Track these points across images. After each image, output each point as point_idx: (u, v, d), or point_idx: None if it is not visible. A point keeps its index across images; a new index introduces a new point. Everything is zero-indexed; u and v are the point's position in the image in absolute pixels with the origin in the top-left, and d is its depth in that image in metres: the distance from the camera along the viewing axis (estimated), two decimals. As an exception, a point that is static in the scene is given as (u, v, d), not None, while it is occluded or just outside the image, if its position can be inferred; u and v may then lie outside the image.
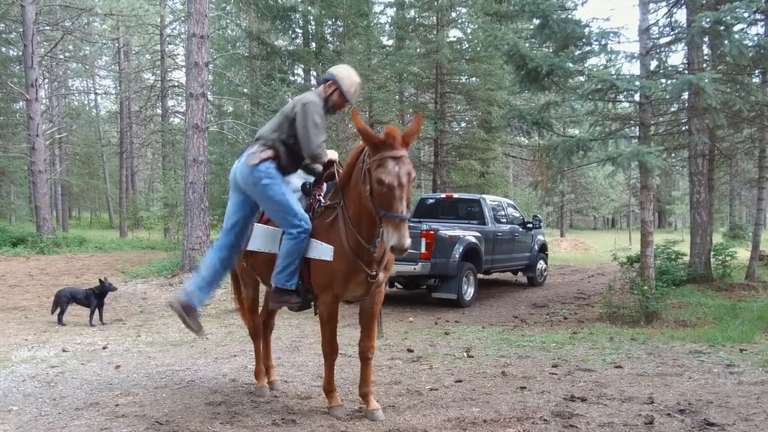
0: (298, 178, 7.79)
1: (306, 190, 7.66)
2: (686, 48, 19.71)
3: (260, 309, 8.89)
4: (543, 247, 23.77)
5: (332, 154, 7.76)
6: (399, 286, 18.87)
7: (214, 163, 29.04)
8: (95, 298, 14.75)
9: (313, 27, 33.24)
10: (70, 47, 55.09)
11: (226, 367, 10.08)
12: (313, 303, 7.83)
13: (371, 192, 6.50)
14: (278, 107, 25.94)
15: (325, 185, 7.71)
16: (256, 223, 7.74)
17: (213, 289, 7.80)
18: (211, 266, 7.65)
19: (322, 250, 7.12)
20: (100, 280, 15.21)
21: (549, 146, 17.48)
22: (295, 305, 7.48)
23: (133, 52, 58.86)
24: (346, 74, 7.64)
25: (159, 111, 53.50)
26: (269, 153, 7.28)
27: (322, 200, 7.47)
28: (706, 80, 13.57)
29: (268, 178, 7.16)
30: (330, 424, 7.20)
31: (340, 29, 32.15)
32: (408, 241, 6.33)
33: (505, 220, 21.32)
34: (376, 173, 6.38)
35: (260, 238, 7.62)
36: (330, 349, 7.50)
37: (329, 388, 7.65)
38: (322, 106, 7.56)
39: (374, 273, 7.18)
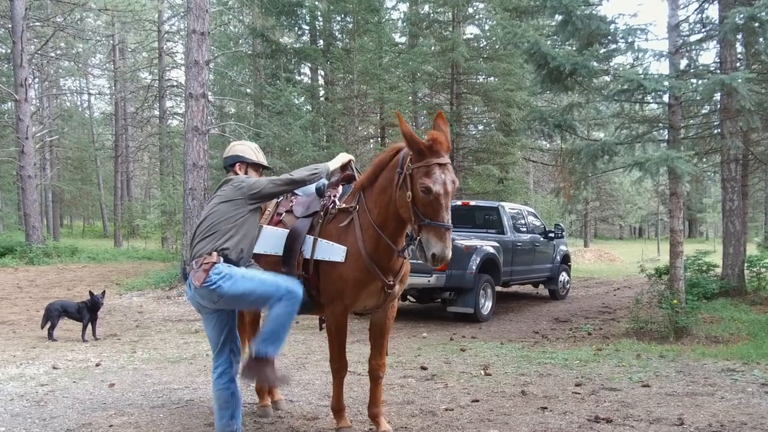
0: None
1: (320, 192, 7.68)
2: (718, 46, 19.69)
3: (262, 321, 8.88)
4: (566, 258, 23.74)
5: (343, 157, 7.74)
6: (412, 299, 18.85)
7: (215, 168, 29.03)
8: (88, 311, 14.73)
9: (321, 23, 33.30)
10: (62, 44, 55.33)
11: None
12: (320, 318, 7.84)
13: (414, 199, 6.46)
14: (283, 108, 25.96)
15: (341, 188, 7.69)
16: (265, 225, 7.75)
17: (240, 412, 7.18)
18: (223, 398, 7.05)
19: (332, 251, 7.10)
20: (90, 293, 15.22)
21: (572, 150, 17.48)
22: (274, 382, 7.12)
23: (129, 50, 59.05)
24: (245, 148, 7.37)
25: (156, 112, 53.67)
26: (212, 259, 6.71)
27: (337, 202, 7.46)
28: (740, 80, 13.56)
29: (225, 278, 6.62)
30: (338, 446, 7.21)
31: (350, 26, 32.06)
32: (450, 252, 6.35)
33: (525, 229, 21.30)
34: (422, 181, 6.34)
35: (268, 240, 7.62)
36: (339, 366, 7.45)
37: (338, 408, 7.62)
38: None
39: (391, 283, 7.16)
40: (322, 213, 7.43)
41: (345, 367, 7.51)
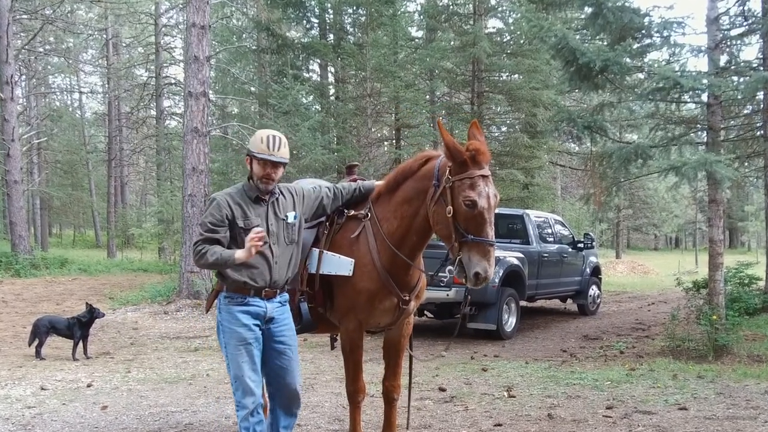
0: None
1: None
2: (761, 41, 19.62)
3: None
4: (596, 271, 23.70)
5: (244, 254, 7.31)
6: (429, 315, 18.82)
7: (217, 173, 29.09)
8: (79, 327, 14.73)
9: (331, 16, 33.24)
10: (51, 39, 55.37)
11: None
12: (331, 337, 7.84)
13: (454, 214, 6.42)
14: (290, 108, 25.97)
15: None
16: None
17: None
18: None
19: (339, 264, 7.06)
20: (87, 304, 15.24)
21: (603, 154, 17.44)
22: None
23: (124, 45, 59.07)
24: (253, 138, 6.86)
25: (153, 112, 53.76)
26: (217, 287, 6.88)
27: (345, 210, 7.40)
28: (785, 77, 13.53)
29: (222, 323, 6.73)
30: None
31: (362, 18, 31.97)
32: (493, 271, 6.35)
33: (551, 239, 21.30)
34: (466, 194, 6.32)
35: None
36: (354, 389, 7.44)
37: (354, 440, 7.59)
38: (242, 190, 6.83)
39: (406, 298, 7.14)
40: (327, 223, 7.42)
41: (362, 391, 7.49)
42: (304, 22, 34.06)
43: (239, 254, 6.42)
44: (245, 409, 6.48)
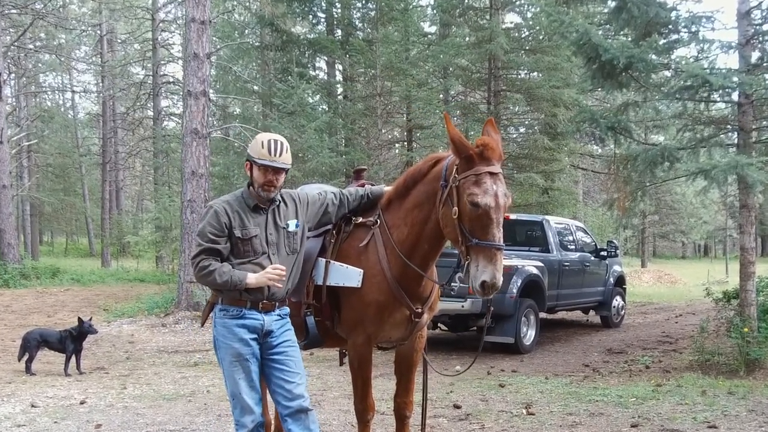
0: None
1: None
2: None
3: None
4: (620, 280, 23.66)
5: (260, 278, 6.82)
6: (443, 327, 18.80)
7: (217, 177, 29.07)
8: (72, 341, 14.72)
9: (339, 10, 33.21)
10: (42, 35, 55.31)
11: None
12: (340, 351, 7.83)
13: (460, 215, 6.30)
14: (295, 108, 25.92)
15: None
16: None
17: None
18: None
19: (347, 275, 7.00)
20: (79, 318, 15.23)
21: (627, 156, 17.41)
22: None
23: (119, 41, 59.05)
24: (253, 142, 6.81)
25: (150, 113, 53.66)
26: (211, 299, 6.87)
27: (353, 218, 7.35)
28: (821, 75, 13.52)
29: (217, 338, 6.73)
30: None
31: (372, 13, 31.92)
32: (501, 278, 6.20)
33: (573, 247, 21.28)
34: (470, 191, 6.17)
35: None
36: (364, 407, 7.35)
37: (363, 462, 7.55)
38: (240, 198, 6.82)
39: (419, 311, 7.07)
40: (334, 231, 7.36)
41: (371, 409, 7.42)
42: (311, 16, 34.03)
43: (251, 279, 6.42)
44: (245, 428, 6.52)
